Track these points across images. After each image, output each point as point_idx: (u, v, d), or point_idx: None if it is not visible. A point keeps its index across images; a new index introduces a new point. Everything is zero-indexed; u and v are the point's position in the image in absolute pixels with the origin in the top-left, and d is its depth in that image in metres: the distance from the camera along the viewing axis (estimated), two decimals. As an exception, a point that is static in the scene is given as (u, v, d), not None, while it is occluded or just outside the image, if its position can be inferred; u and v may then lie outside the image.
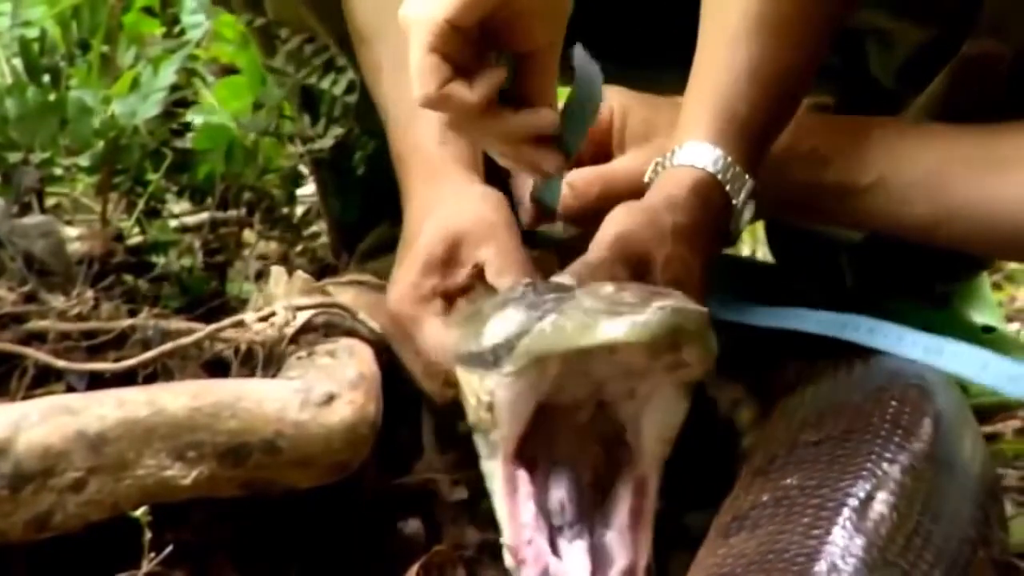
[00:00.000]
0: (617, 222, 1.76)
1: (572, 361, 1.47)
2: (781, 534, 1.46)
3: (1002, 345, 2.35)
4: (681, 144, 1.83)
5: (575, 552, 1.50)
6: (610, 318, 1.39)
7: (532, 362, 1.48)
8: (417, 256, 1.83)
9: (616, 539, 1.51)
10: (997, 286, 3.18)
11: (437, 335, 1.77)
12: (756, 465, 1.66)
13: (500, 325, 1.53)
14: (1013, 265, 3.20)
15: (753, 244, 3.24)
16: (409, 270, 1.83)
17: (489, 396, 1.52)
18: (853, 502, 1.48)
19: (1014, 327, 2.90)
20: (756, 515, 1.52)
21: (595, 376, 1.52)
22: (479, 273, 1.79)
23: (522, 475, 1.53)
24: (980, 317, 2.40)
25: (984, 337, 2.34)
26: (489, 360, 1.52)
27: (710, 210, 1.79)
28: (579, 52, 1.81)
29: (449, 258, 1.81)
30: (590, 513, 1.53)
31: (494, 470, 1.55)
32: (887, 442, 1.59)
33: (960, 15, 1.95)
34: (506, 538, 1.52)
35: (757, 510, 1.53)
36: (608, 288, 1.48)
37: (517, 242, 1.81)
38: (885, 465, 1.55)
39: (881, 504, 1.49)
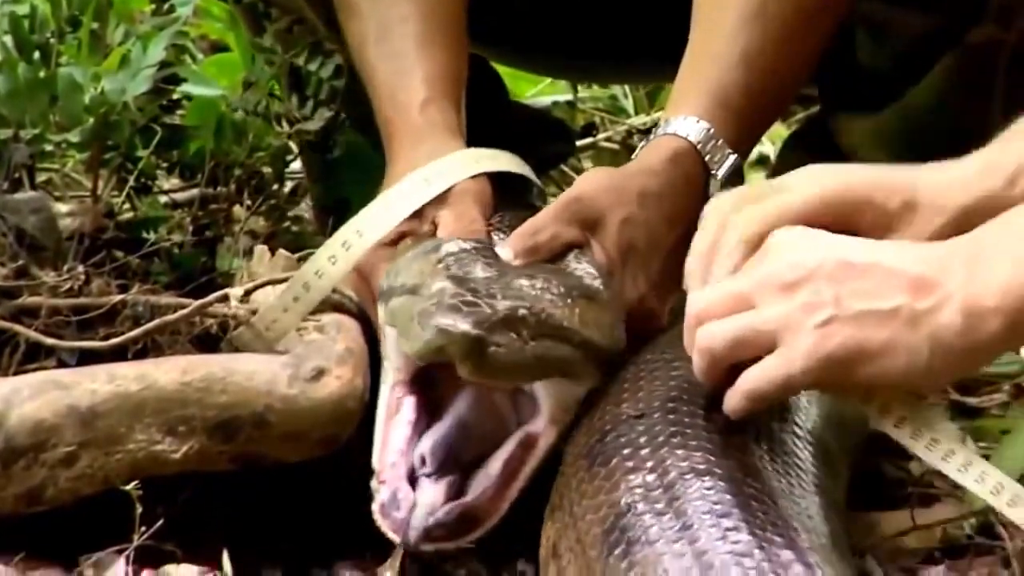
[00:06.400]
0: (578, 184, 1.84)
1: None
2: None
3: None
4: (668, 119, 1.85)
5: (433, 486, 1.60)
6: (408, 325, 1.60)
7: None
8: None
9: (481, 478, 1.62)
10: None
11: None
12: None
13: (394, 274, 1.72)
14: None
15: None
16: None
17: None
18: None
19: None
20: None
21: None
22: (434, 230, 1.85)
23: (408, 401, 1.66)
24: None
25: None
26: (384, 299, 1.72)
27: (688, 179, 1.83)
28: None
29: (415, 215, 1.86)
30: (462, 462, 1.63)
31: (384, 394, 1.69)
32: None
33: (965, 3, 1.96)
34: (374, 461, 1.63)
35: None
36: (446, 285, 1.61)
37: (475, 208, 1.86)
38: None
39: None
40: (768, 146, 3.34)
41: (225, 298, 1.92)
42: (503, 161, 1.96)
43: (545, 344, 1.61)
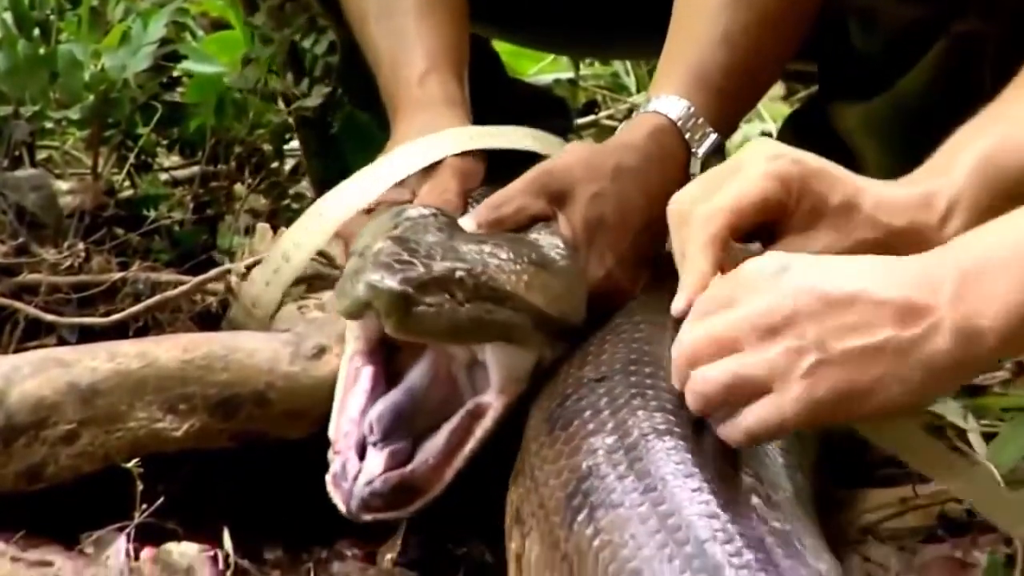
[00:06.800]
0: (553, 158, 1.85)
1: None
2: None
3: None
4: (650, 98, 1.88)
5: (378, 455, 1.59)
6: (343, 283, 1.59)
7: None
8: None
9: (427, 448, 1.60)
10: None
11: None
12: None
13: (358, 239, 1.69)
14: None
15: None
16: None
17: None
18: None
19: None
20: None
21: None
22: (412, 200, 1.86)
23: (366, 371, 1.64)
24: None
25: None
26: None
27: (667, 156, 1.83)
28: None
29: (398, 184, 1.88)
30: (415, 431, 1.62)
31: (343, 365, 1.68)
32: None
33: None
34: (331, 430, 1.63)
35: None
36: (385, 245, 1.60)
37: (454, 182, 1.88)
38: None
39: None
40: (770, 124, 3.34)
41: (226, 273, 1.92)
42: (508, 138, 1.96)
43: (485, 307, 1.60)
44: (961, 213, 1.58)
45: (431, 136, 1.90)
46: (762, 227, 1.62)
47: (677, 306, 1.59)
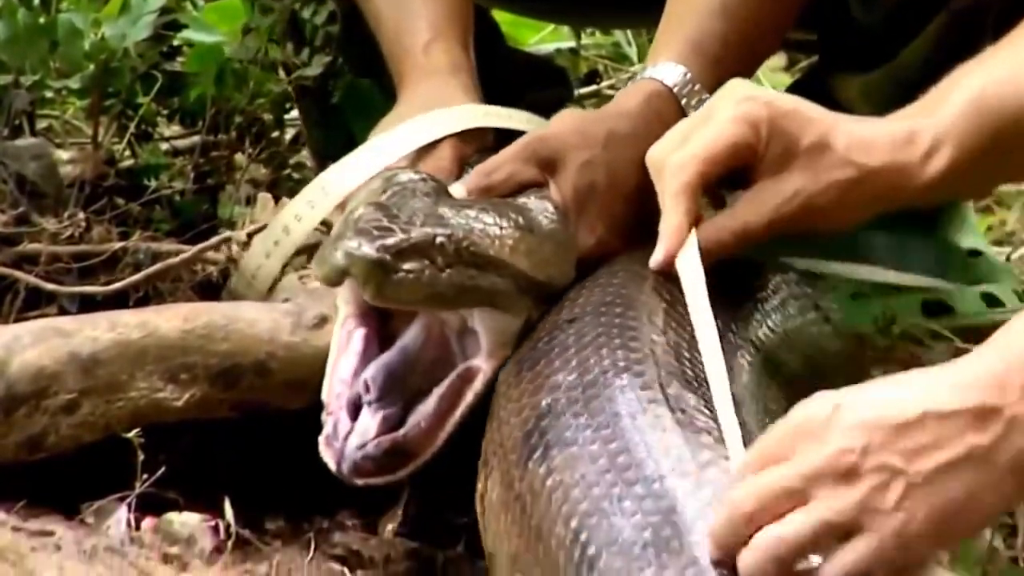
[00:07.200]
0: (546, 125, 1.87)
1: None
2: None
3: (988, 269, 2.36)
4: (647, 66, 1.90)
5: (372, 418, 1.59)
6: (323, 249, 1.59)
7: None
8: None
9: (419, 411, 1.61)
10: (988, 210, 3.17)
11: None
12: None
13: (350, 204, 1.69)
14: (1002, 188, 3.18)
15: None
16: None
17: None
18: None
19: (1003, 250, 2.89)
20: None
21: None
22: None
23: (358, 333, 1.64)
24: (966, 241, 2.40)
25: (970, 261, 2.35)
26: None
27: (663, 121, 1.83)
28: None
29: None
30: (407, 393, 1.62)
31: (336, 330, 1.68)
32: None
33: None
34: (323, 393, 1.63)
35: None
36: (366, 211, 1.60)
37: (452, 152, 1.89)
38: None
39: None
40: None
41: (227, 242, 1.92)
42: (513, 120, 1.96)
43: (468, 273, 1.60)
44: (947, 150, 1.58)
45: (435, 112, 1.90)
46: (737, 172, 1.63)
47: (656, 258, 1.60)
